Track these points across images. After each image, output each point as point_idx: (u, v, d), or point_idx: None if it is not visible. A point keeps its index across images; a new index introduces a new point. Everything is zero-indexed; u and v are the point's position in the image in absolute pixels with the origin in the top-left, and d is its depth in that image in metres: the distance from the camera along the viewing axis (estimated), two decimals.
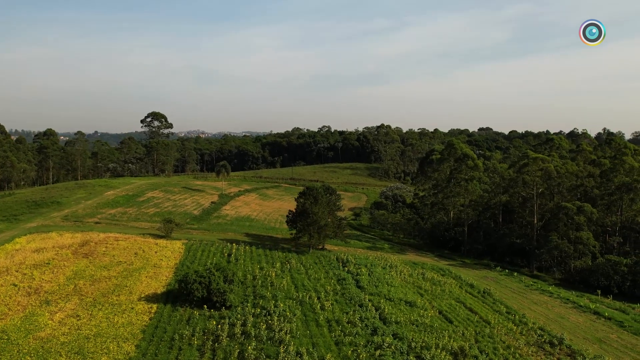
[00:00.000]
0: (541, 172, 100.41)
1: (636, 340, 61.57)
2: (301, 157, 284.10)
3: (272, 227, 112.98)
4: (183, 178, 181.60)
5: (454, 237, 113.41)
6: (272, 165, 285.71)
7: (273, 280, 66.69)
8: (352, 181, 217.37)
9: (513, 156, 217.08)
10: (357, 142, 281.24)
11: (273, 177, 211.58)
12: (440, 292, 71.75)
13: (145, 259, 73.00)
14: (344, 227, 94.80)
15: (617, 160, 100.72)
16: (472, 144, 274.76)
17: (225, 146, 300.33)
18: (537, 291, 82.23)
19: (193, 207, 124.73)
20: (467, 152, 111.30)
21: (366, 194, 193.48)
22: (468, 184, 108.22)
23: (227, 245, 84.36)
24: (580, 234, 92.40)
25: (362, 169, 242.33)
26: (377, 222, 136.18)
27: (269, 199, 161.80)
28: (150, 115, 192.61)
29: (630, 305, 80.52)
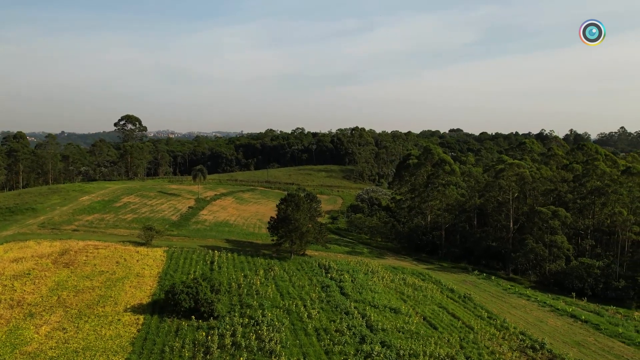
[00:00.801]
0: (516, 177, 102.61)
1: (612, 343, 63.57)
2: (275, 159, 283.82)
3: (252, 232, 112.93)
4: (158, 182, 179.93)
5: (431, 241, 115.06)
6: (246, 168, 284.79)
7: (258, 288, 66.92)
8: (328, 184, 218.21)
9: (485, 158, 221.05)
10: (331, 144, 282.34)
11: (248, 180, 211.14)
12: (422, 298, 72.91)
13: (127, 267, 72.43)
14: (325, 233, 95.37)
15: (590, 166, 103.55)
16: (445, 146, 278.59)
17: (199, 148, 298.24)
18: (515, 295, 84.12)
19: (170, 212, 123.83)
20: (444, 157, 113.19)
21: (342, 196, 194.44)
22: (445, 188, 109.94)
23: (209, 252, 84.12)
24: (555, 238, 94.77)
25: (337, 172, 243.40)
26: (355, 226, 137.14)
27: (245, 202, 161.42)
28: (123, 118, 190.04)
29: (604, 307, 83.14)
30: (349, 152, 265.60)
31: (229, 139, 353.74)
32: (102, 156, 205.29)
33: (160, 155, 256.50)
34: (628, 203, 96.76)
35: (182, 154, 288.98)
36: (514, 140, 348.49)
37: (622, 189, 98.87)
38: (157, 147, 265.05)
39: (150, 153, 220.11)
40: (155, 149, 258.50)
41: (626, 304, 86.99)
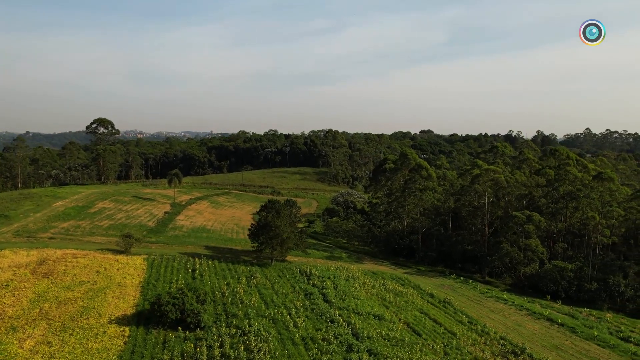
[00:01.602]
0: (492, 182, 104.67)
1: (588, 346, 65.54)
2: (248, 162, 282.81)
3: (230, 238, 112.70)
4: (132, 186, 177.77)
5: (408, 245, 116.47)
6: (219, 170, 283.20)
7: (242, 297, 67.07)
8: (302, 186, 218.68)
9: (458, 161, 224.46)
10: (304, 146, 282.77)
11: (222, 183, 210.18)
12: (404, 304, 73.96)
13: (108, 277, 71.74)
14: (305, 239, 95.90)
15: (562, 171, 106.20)
16: (417, 148, 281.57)
17: (170, 150, 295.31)
18: (492, 298, 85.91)
19: (147, 218, 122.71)
20: (421, 162, 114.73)
21: (316, 199, 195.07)
22: (423, 193, 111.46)
23: (189, 259, 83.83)
24: (529, 242, 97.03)
25: (311, 174, 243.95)
26: (332, 230, 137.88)
27: (221, 206, 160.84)
28: (95, 121, 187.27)
29: (577, 309, 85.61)
30: (323, 154, 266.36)
31: (201, 140, 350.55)
32: (72, 159, 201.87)
33: (131, 157, 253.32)
34: (599, 207, 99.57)
35: (153, 156, 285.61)
36: (484, 142, 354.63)
37: (593, 193, 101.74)
38: (129, 149, 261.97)
39: (121, 155, 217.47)
40: (126, 152, 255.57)
41: (598, 305, 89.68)
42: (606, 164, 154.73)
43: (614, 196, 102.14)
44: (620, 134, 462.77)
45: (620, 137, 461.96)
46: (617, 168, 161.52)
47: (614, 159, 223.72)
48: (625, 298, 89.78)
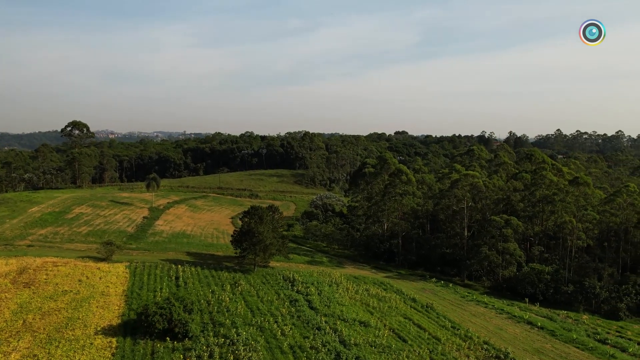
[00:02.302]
0: (470, 186, 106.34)
1: (568, 349, 67.21)
2: (225, 164, 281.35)
3: (211, 243, 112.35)
4: (108, 190, 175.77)
5: (388, 249, 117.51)
6: (195, 172, 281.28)
7: (228, 305, 67.10)
8: (280, 189, 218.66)
9: (434, 163, 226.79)
10: (281, 148, 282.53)
11: (200, 186, 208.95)
12: (388, 309, 74.80)
13: (91, 286, 71.08)
14: (287, 244, 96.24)
15: (538, 175, 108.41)
16: (393, 150, 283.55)
17: (145, 152, 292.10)
18: (473, 302, 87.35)
19: (126, 223, 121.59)
20: (401, 167, 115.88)
21: (294, 202, 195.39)
22: (403, 198, 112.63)
23: (172, 267, 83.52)
24: (508, 245, 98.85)
25: (288, 176, 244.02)
26: (311, 234, 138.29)
27: (199, 210, 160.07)
28: (70, 124, 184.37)
29: (555, 311, 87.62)
30: (300, 156, 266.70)
31: (176, 142, 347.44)
32: (46, 162, 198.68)
33: (106, 160, 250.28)
34: (575, 211, 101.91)
35: (128, 158, 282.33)
36: (458, 143, 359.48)
37: (568, 197, 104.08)
38: (103, 151, 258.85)
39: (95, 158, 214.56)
40: (100, 154, 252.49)
41: (574, 307, 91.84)
42: (579, 167, 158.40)
43: (589, 200, 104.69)
44: (589, 135, 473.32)
45: (589, 138, 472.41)
46: (590, 171, 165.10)
47: (585, 160, 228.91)
48: (600, 300, 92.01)
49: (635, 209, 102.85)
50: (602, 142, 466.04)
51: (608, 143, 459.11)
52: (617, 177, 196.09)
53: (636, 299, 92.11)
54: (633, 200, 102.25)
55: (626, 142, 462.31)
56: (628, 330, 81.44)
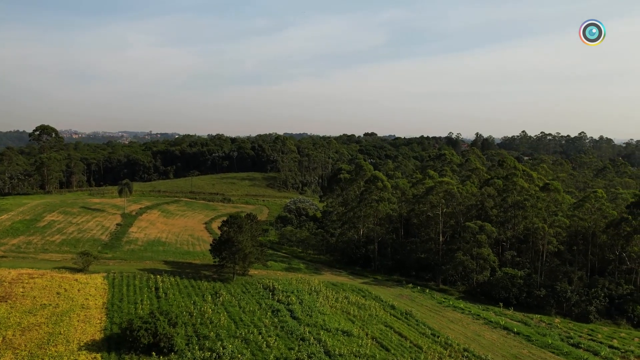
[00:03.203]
0: (445, 193, 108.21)
1: (544, 354, 69.20)
2: (195, 167, 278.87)
3: (187, 251, 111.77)
4: (78, 195, 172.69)
5: (364, 254, 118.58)
6: (165, 176, 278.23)
7: (211, 316, 67.11)
8: (252, 193, 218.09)
9: (404, 166, 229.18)
10: (252, 151, 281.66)
11: (171, 190, 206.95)
12: (368, 318, 75.76)
13: (70, 299, 70.21)
14: (266, 253, 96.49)
15: (510, 182, 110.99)
16: (364, 153, 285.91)
17: (114, 155, 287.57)
18: (449, 308, 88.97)
19: (99, 231, 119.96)
20: (377, 174, 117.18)
21: (267, 206, 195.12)
22: (379, 204, 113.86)
23: (151, 277, 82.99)
24: (482, 251, 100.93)
25: (260, 179, 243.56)
26: (286, 239, 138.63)
27: (172, 216, 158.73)
28: (39, 129, 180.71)
29: (529, 315, 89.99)
30: (271, 159, 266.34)
31: (145, 145, 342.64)
32: (11, 166, 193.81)
33: (73, 163, 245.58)
34: (546, 217, 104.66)
35: (96, 161, 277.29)
36: (427, 145, 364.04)
37: (540, 203, 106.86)
38: (70, 155, 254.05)
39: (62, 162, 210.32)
40: (67, 157, 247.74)
41: (546, 311, 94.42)
42: (547, 171, 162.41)
43: (559, 206, 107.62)
44: (553, 137, 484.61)
45: (553, 139, 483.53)
46: (558, 175, 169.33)
47: (552, 163, 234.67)
48: (571, 303, 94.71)
49: (602, 213, 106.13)
50: (565, 143, 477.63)
51: (571, 144, 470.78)
52: (583, 181, 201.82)
53: (604, 301, 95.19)
54: (600, 205, 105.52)
55: (588, 143, 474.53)
56: (598, 333, 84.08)
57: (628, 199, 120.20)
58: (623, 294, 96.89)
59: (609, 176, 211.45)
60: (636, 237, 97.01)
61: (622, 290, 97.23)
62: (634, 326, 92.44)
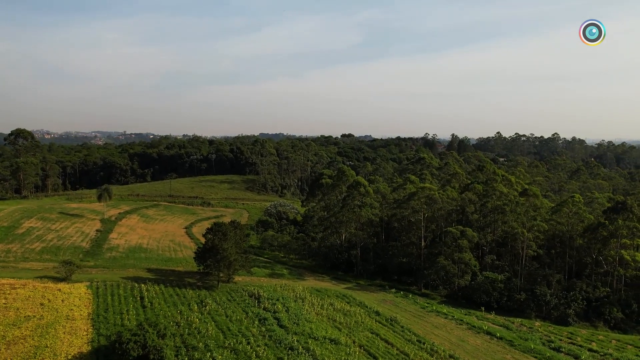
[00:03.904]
0: (426, 198, 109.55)
1: (527, 359, 70.66)
2: (173, 169, 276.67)
3: (169, 257, 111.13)
4: (56, 200, 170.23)
5: (347, 259, 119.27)
6: (142, 178, 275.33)
7: (198, 326, 67.00)
8: (232, 196, 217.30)
9: (383, 168, 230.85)
10: (230, 153, 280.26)
11: (150, 194, 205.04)
12: (354, 325, 76.41)
13: (54, 310, 69.51)
14: (250, 260, 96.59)
15: (490, 187, 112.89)
16: (342, 155, 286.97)
17: (90, 157, 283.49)
18: (433, 313, 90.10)
19: (79, 237, 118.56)
20: (359, 179, 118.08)
21: (247, 209, 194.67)
22: (361, 209, 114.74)
23: (135, 285, 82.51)
24: (463, 255, 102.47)
25: (239, 182, 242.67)
26: (268, 243, 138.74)
27: (152, 220, 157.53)
28: (14, 133, 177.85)
29: (510, 319, 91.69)
30: (250, 162, 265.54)
31: (121, 147, 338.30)
32: None
33: (49, 166, 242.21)
34: (525, 222, 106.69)
35: (71, 164, 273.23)
36: (405, 147, 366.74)
37: (519, 208, 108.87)
38: (45, 157, 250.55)
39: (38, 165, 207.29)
40: (43, 160, 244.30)
41: (526, 314, 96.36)
42: (524, 174, 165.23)
43: (538, 211, 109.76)
44: (527, 138, 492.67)
45: (527, 140, 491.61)
46: (535, 179, 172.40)
47: (527, 165, 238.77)
48: (550, 307, 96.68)
49: (580, 217, 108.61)
50: (539, 144, 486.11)
51: (545, 145, 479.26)
52: (558, 182, 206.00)
53: (582, 304, 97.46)
54: (578, 209, 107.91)
55: (561, 144, 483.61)
56: (577, 336, 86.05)
57: (604, 203, 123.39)
58: (600, 297, 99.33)
59: (582, 178, 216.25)
60: (613, 241, 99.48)
61: (599, 293, 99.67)
62: (610, 328, 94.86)
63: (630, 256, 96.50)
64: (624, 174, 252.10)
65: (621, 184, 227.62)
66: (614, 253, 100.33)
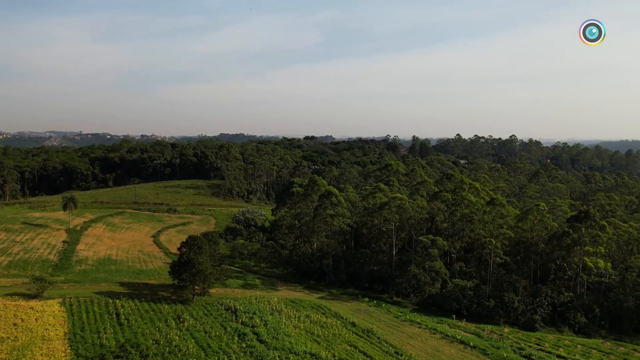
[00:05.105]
0: (397, 207, 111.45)
1: None
2: (136, 174, 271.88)
3: (140, 269, 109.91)
4: (17, 209, 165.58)
5: (319, 268, 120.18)
6: (104, 183, 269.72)
7: (178, 343, 66.87)
8: (198, 202, 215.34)
9: (348, 173, 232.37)
10: (195, 157, 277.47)
11: (114, 201, 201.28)
12: (332, 337, 77.45)
13: (28, 330, 68.25)
14: (225, 272, 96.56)
15: (458, 196, 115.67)
16: (308, 159, 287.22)
17: (49, 162, 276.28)
18: (407, 322, 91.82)
19: (46, 250, 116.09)
20: (331, 189, 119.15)
21: (214, 215, 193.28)
22: (333, 219, 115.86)
23: (109, 301, 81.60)
24: (434, 264, 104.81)
25: (205, 188, 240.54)
26: (238, 252, 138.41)
27: (118, 229, 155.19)
28: None
29: (480, 326, 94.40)
30: (215, 166, 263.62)
31: (81, 150, 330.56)
32: None
33: (6, 171, 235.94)
34: (493, 230, 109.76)
35: (30, 169, 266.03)
36: (368, 150, 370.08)
37: (486, 216, 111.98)
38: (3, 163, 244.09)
39: None
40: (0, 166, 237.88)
41: (495, 320, 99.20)
42: (489, 181, 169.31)
43: (505, 219, 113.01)
44: (486, 139, 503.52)
45: (486, 142, 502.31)
46: (498, 186, 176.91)
47: (489, 169, 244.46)
48: (518, 312, 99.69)
49: (544, 224, 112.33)
50: (497, 146, 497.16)
51: (503, 146, 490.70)
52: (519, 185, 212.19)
53: (548, 309, 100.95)
54: (542, 217, 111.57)
55: (518, 146, 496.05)
56: (545, 341, 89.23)
57: (567, 210, 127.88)
58: (564, 302, 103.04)
59: (541, 181, 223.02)
60: (576, 249, 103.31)
61: (563, 298, 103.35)
62: (575, 333, 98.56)
63: (592, 263, 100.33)
64: (580, 177, 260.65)
65: (578, 186, 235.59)
66: (577, 260, 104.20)
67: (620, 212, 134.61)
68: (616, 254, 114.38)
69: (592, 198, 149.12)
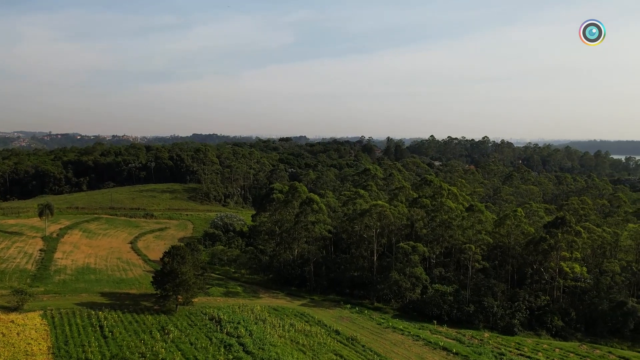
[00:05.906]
0: (378, 214, 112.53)
1: None
2: (111, 178, 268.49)
3: (120, 278, 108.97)
4: None
5: (300, 275, 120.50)
6: (78, 187, 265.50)
7: (165, 357, 66.72)
8: (175, 207, 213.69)
9: (325, 176, 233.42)
10: (170, 161, 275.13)
11: (89, 206, 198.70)
12: (317, 346, 77.98)
13: (10, 345, 67.32)
14: (208, 281, 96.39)
15: (437, 202, 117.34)
16: (284, 162, 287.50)
17: (20, 166, 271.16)
18: (389, 329, 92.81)
19: (23, 259, 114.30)
20: (312, 196, 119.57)
21: (191, 220, 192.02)
22: (314, 226, 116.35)
23: (91, 313, 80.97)
24: (415, 270, 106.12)
25: (181, 192, 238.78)
26: (218, 258, 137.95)
27: (95, 236, 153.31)
28: None
29: (461, 332, 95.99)
30: (191, 170, 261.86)
31: (53, 153, 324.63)
32: None
33: None
34: (471, 236, 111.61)
35: (1, 172, 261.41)
36: (344, 152, 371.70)
37: (465, 222, 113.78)
38: None
39: None
40: None
41: (475, 325, 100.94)
42: (465, 185, 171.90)
43: (484, 225, 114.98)
44: (459, 140, 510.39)
45: (459, 143, 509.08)
46: (475, 190, 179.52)
47: (463, 172, 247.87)
48: (497, 317, 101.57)
49: (521, 229, 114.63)
50: (470, 147, 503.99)
51: (476, 147, 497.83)
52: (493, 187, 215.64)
53: (526, 313, 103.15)
54: (519, 222, 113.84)
55: (491, 147, 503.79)
56: (524, 346, 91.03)
57: (543, 215, 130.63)
58: (542, 306, 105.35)
59: (515, 183, 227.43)
60: (553, 254, 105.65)
61: (540, 302, 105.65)
62: (552, 336, 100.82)
63: (569, 267, 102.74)
64: (552, 179, 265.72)
65: (550, 188, 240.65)
66: (554, 264, 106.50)
67: (593, 217, 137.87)
68: (590, 258, 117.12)
69: (565, 202, 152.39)
